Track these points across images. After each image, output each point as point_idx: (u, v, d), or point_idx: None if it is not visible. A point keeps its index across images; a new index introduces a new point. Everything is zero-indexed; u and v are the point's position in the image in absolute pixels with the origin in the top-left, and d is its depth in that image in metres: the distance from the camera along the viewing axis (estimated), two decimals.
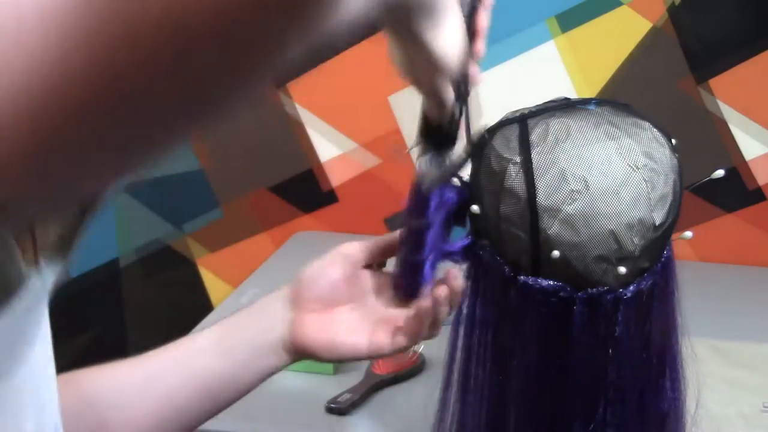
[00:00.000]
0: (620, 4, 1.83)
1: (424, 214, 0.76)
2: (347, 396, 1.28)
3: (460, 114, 0.74)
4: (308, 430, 1.26)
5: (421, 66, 0.69)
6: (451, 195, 0.77)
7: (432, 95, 0.71)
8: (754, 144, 1.85)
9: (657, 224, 0.73)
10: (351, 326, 0.81)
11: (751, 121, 1.84)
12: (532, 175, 0.73)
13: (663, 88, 1.84)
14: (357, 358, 0.81)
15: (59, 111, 0.32)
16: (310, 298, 0.82)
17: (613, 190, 0.72)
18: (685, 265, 0.81)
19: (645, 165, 0.73)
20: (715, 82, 1.84)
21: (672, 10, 1.82)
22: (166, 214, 2.10)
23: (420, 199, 0.76)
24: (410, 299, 0.79)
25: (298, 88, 1.98)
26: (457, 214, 0.78)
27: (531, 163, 0.73)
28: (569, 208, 0.72)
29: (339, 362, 0.84)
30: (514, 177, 0.74)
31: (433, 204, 0.76)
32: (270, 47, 0.34)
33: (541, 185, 0.72)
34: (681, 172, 0.76)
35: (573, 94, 1.83)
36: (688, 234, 0.79)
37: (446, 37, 0.67)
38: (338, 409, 1.26)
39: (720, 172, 0.80)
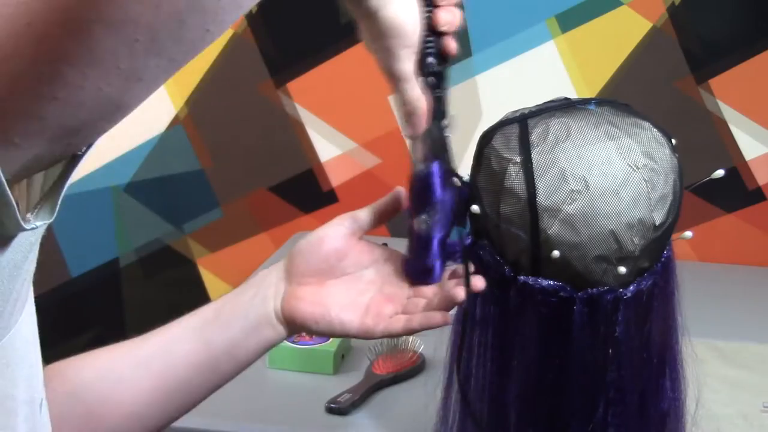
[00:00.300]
0: (620, 4, 1.84)
1: (427, 198, 0.76)
2: (347, 396, 1.28)
3: (437, 87, 0.74)
4: (308, 430, 1.26)
5: (377, 38, 0.70)
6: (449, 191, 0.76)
7: (388, 71, 0.72)
8: (754, 144, 1.85)
9: (657, 224, 0.73)
10: (344, 302, 0.80)
11: (751, 121, 1.84)
12: (532, 175, 0.73)
13: (663, 88, 1.84)
14: (347, 336, 0.81)
15: (60, 30, 0.38)
16: (305, 271, 0.81)
17: (613, 190, 0.72)
18: (685, 265, 0.81)
19: (645, 165, 0.73)
20: (715, 82, 1.84)
21: (672, 10, 1.82)
22: (166, 214, 2.10)
23: (419, 183, 0.76)
24: (420, 284, 0.79)
25: (298, 88, 1.98)
26: (457, 214, 0.78)
27: (531, 163, 0.73)
28: (569, 208, 0.72)
29: (330, 336, 0.84)
30: (514, 177, 0.74)
31: (437, 187, 0.75)
32: None
33: (541, 185, 0.72)
34: (681, 172, 0.76)
35: (573, 94, 1.83)
36: (688, 234, 0.79)
37: (396, 7, 0.68)
38: (338, 409, 1.26)
39: (720, 172, 0.80)
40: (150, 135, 2.04)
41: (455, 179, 0.77)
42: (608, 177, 0.72)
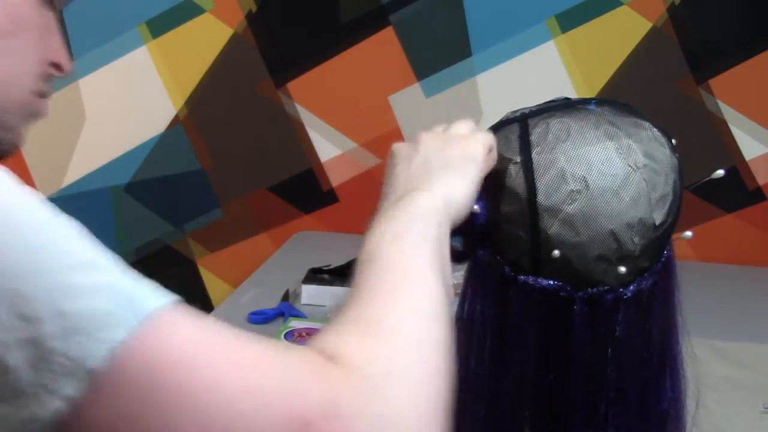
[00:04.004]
0: (620, 4, 1.84)
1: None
2: None
3: None
4: None
5: None
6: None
7: None
8: (754, 144, 1.85)
9: (657, 224, 0.73)
10: None
11: (751, 121, 1.84)
12: (533, 175, 0.73)
13: (663, 88, 1.84)
14: None
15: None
16: None
17: (613, 190, 0.71)
18: (685, 265, 0.80)
19: (645, 165, 0.72)
20: (715, 82, 1.84)
21: (672, 10, 1.82)
22: (166, 214, 2.10)
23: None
24: None
25: (298, 88, 1.98)
26: None
27: (531, 162, 0.73)
28: (569, 208, 0.71)
29: None
30: (515, 176, 0.74)
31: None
32: None
33: (542, 185, 0.72)
34: (681, 172, 0.75)
35: (573, 94, 1.83)
36: (688, 234, 0.79)
37: None
38: None
39: (720, 172, 0.80)
40: (150, 135, 2.04)
41: None
42: (608, 177, 0.72)
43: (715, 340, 1.43)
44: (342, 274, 1.62)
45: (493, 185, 0.76)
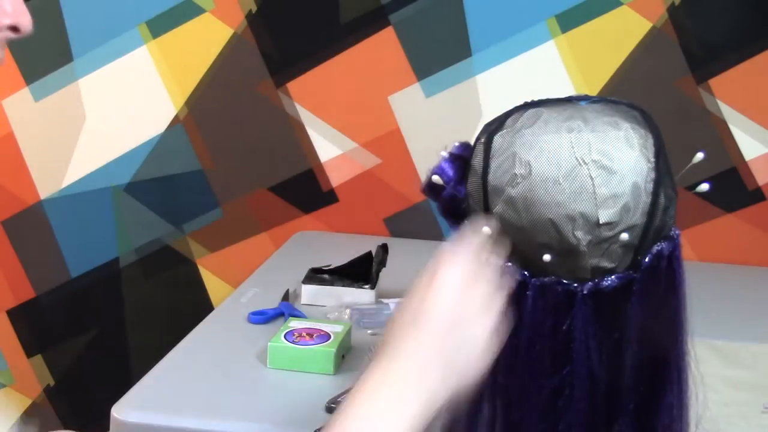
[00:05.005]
0: (620, 4, 1.84)
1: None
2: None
3: None
4: (308, 430, 1.26)
5: None
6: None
7: None
8: (754, 144, 1.85)
9: (602, 222, 0.72)
10: None
11: (751, 121, 1.84)
12: (489, 155, 0.75)
13: (663, 88, 1.84)
14: None
15: None
16: None
17: (555, 180, 0.72)
18: (685, 265, 0.80)
19: (596, 161, 0.72)
20: (715, 82, 1.84)
21: (672, 10, 1.82)
22: (166, 214, 2.10)
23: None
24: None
25: (298, 88, 1.98)
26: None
27: (491, 143, 0.75)
28: (512, 191, 0.73)
29: None
30: (477, 155, 0.76)
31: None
32: None
33: (493, 165, 0.74)
34: (657, 179, 0.73)
35: (573, 94, 1.83)
36: (705, 186, 0.78)
37: None
38: None
39: (700, 155, 0.79)
40: (150, 135, 2.04)
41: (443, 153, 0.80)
42: (552, 166, 0.72)
43: (715, 340, 1.43)
44: (342, 274, 1.62)
45: (462, 162, 0.79)
